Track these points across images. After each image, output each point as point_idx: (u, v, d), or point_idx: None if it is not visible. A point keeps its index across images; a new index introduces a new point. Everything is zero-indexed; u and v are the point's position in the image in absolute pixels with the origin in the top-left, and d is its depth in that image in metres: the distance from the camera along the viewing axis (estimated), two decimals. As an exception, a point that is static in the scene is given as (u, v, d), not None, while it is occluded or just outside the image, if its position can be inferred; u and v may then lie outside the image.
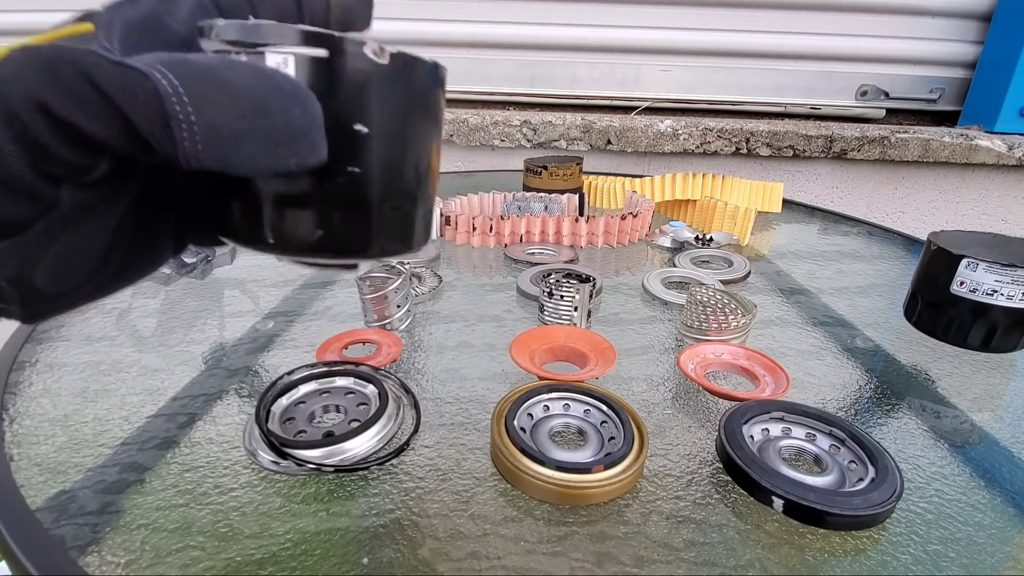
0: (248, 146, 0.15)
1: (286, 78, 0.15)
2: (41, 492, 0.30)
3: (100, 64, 0.14)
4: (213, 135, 0.14)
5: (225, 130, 0.14)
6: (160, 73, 0.14)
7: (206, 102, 0.14)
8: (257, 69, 0.15)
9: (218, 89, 0.14)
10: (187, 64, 0.14)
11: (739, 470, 0.31)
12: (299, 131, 0.15)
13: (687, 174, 0.78)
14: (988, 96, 1.12)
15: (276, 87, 0.15)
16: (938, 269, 0.47)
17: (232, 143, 0.15)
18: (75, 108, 0.14)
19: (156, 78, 0.14)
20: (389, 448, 0.34)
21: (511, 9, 1.15)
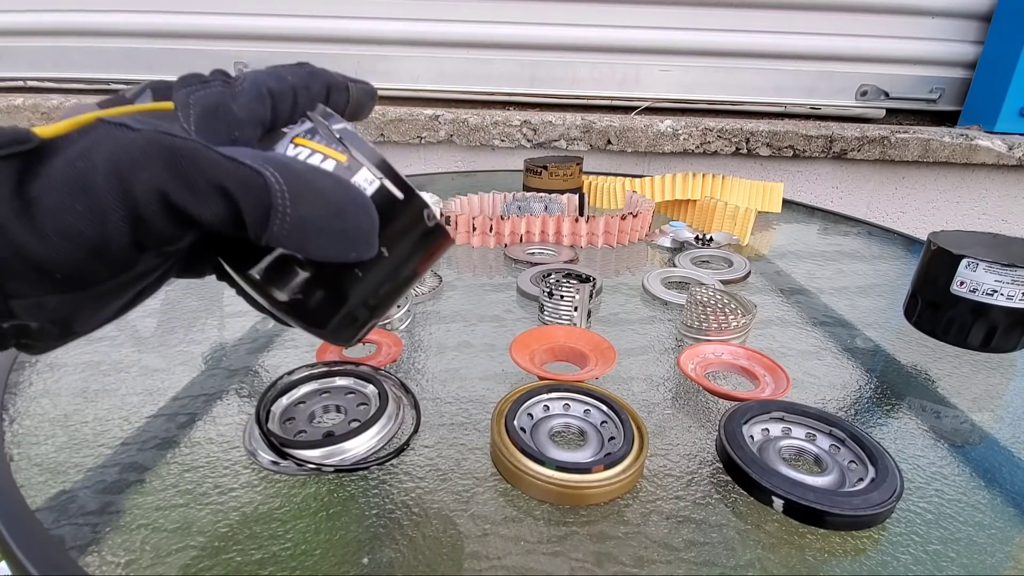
0: (324, 239, 0.18)
1: (359, 192, 0.19)
2: (41, 492, 0.30)
3: (219, 161, 0.16)
4: (300, 227, 0.17)
5: (311, 225, 0.18)
6: (269, 171, 0.17)
7: (301, 200, 0.17)
8: (338, 179, 0.19)
9: (311, 191, 0.18)
10: (288, 167, 0.18)
11: (739, 470, 0.31)
12: (363, 233, 0.19)
13: (687, 174, 0.78)
14: (988, 96, 1.12)
15: (352, 197, 0.19)
16: (938, 269, 0.47)
17: (313, 235, 0.18)
18: (193, 198, 0.16)
19: (267, 175, 0.17)
20: (389, 448, 0.34)
21: (511, 9, 1.15)
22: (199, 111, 0.19)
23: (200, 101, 0.19)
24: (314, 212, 0.18)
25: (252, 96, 0.20)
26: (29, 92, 1.22)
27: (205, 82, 0.20)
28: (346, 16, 1.16)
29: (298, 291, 0.20)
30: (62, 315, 0.18)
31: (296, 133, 0.21)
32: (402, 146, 1.16)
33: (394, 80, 1.21)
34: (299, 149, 0.20)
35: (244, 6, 1.16)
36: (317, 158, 0.20)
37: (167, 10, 1.16)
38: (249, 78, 0.21)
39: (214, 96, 0.20)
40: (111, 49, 1.20)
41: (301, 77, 0.22)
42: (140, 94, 0.20)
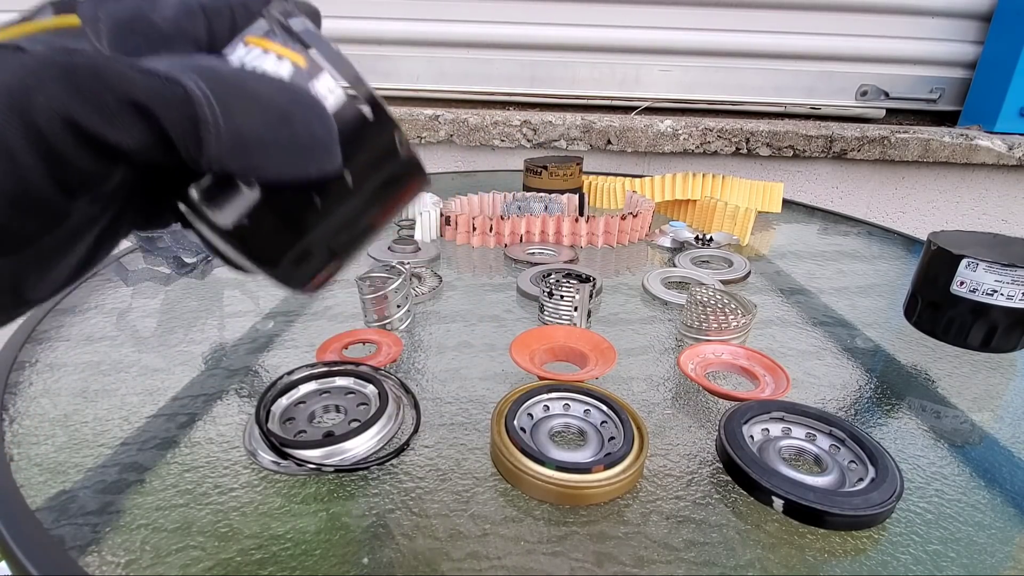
0: (272, 153, 0.15)
1: (307, 93, 0.16)
2: (41, 492, 0.30)
3: (126, 73, 0.14)
4: (240, 141, 0.15)
5: (252, 136, 0.15)
6: (191, 79, 0.14)
7: (234, 109, 0.15)
8: (280, 82, 0.16)
9: (246, 97, 0.15)
10: (215, 72, 0.15)
11: (739, 470, 0.31)
12: (320, 142, 0.16)
13: (687, 174, 0.78)
14: (988, 96, 1.12)
15: (299, 100, 0.16)
16: (938, 269, 0.47)
17: (258, 149, 0.15)
18: (103, 120, 0.14)
19: (188, 84, 0.14)
20: (389, 448, 0.34)
21: (511, 9, 1.15)
22: (111, 24, 0.16)
23: (112, 14, 0.16)
24: (252, 121, 0.15)
25: (179, 9, 0.17)
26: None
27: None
28: (346, 16, 1.16)
29: (245, 216, 0.17)
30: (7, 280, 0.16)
31: (248, 33, 0.18)
32: (402, 146, 1.16)
33: (394, 80, 1.21)
34: (250, 49, 0.17)
35: (244, 6, 1.16)
36: (270, 59, 0.17)
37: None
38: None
39: (129, 7, 0.16)
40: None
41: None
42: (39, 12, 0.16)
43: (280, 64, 0.17)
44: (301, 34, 0.17)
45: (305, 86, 0.16)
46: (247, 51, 0.17)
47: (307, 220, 0.18)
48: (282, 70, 0.17)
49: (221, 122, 0.14)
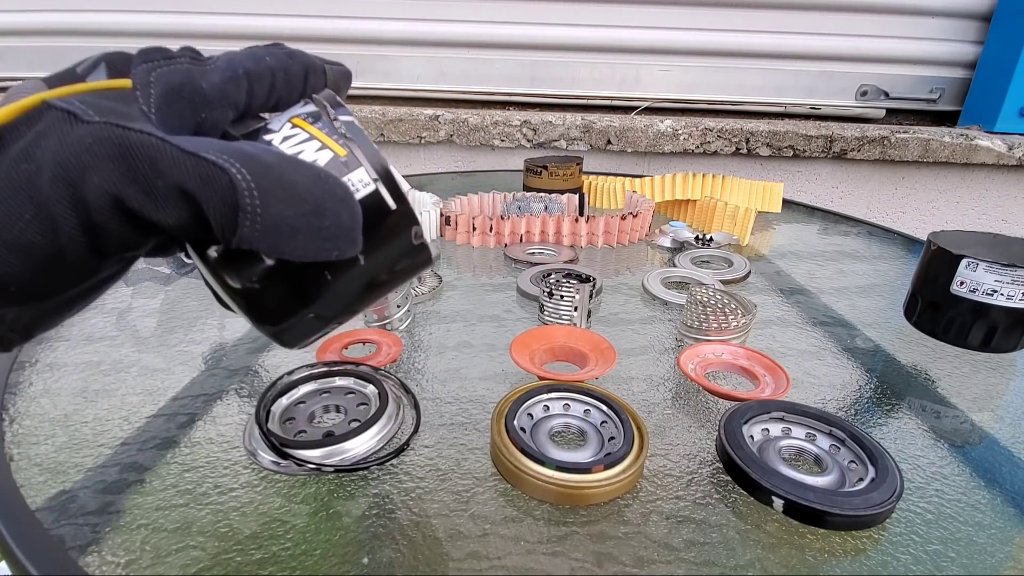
0: (300, 239, 0.16)
1: (340, 185, 0.17)
2: (41, 492, 0.30)
3: (176, 157, 0.15)
4: (273, 228, 0.16)
5: (285, 225, 0.16)
6: (235, 168, 0.15)
7: (272, 199, 0.15)
8: (315, 173, 0.17)
9: (284, 188, 0.16)
10: (258, 160, 0.16)
11: (739, 470, 0.31)
12: (345, 230, 0.17)
13: (687, 174, 0.78)
14: (988, 96, 1.12)
15: (332, 192, 0.17)
16: (938, 269, 0.47)
17: (288, 236, 0.16)
18: (151, 203, 0.15)
19: (232, 172, 0.15)
20: (389, 448, 0.34)
21: (511, 9, 1.15)
22: (161, 90, 0.17)
23: (163, 78, 0.17)
24: (289, 211, 0.16)
25: (226, 76, 0.18)
26: (29, 92, 1.22)
27: (170, 58, 0.18)
28: (346, 16, 1.16)
29: (256, 280, 0.18)
30: (22, 324, 0.17)
31: (296, 113, 0.19)
32: (402, 146, 1.16)
33: (394, 80, 1.21)
34: (296, 131, 0.19)
35: (244, 6, 1.16)
36: (313, 145, 0.18)
37: (167, 10, 1.16)
38: (224, 57, 0.19)
39: (180, 74, 0.17)
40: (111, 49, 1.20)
41: (280, 59, 0.20)
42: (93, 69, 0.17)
43: (321, 152, 0.18)
44: (345, 123, 0.19)
45: (340, 177, 0.18)
46: (292, 132, 0.18)
47: (315, 291, 0.19)
48: (321, 158, 0.18)
49: (259, 211, 0.15)
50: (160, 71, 0.17)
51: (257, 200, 0.15)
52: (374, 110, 1.12)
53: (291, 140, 0.18)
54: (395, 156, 1.17)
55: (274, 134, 0.19)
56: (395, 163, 1.09)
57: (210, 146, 0.15)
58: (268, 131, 0.19)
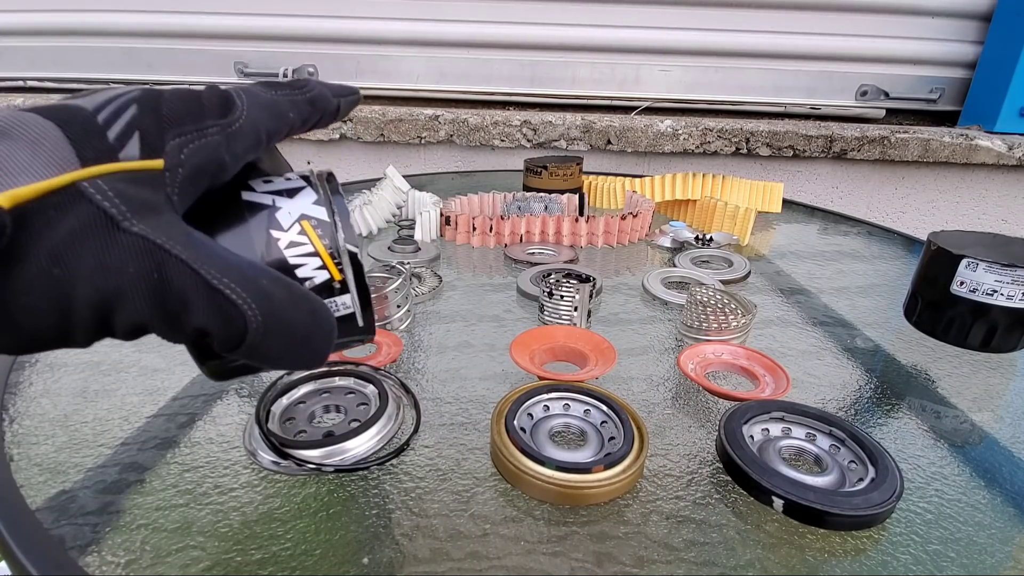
0: (282, 361, 0.18)
1: (328, 319, 0.19)
2: (41, 492, 0.30)
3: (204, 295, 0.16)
4: (264, 356, 0.18)
5: (274, 354, 0.18)
6: (251, 311, 0.16)
7: (272, 336, 0.17)
8: (312, 309, 0.18)
9: (283, 326, 0.17)
10: (270, 300, 0.17)
11: (739, 470, 0.31)
12: (319, 354, 0.19)
13: (687, 174, 0.78)
14: (988, 96, 1.12)
15: (319, 327, 0.19)
16: (938, 269, 0.47)
17: (272, 361, 0.18)
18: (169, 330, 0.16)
19: (248, 317, 0.16)
20: (389, 448, 0.34)
21: (511, 9, 1.15)
22: (189, 172, 0.17)
23: (193, 158, 0.17)
24: (282, 346, 0.18)
25: (249, 144, 0.19)
26: (29, 92, 1.22)
27: (202, 128, 0.18)
28: (346, 16, 1.16)
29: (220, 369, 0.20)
30: None
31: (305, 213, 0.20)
32: (402, 146, 1.16)
33: (394, 80, 1.21)
34: (303, 240, 0.19)
35: (244, 6, 1.16)
36: (313, 263, 0.19)
37: (167, 10, 1.16)
38: (248, 118, 0.19)
39: (208, 151, 0.18)
40: (111, 49, 1.20)
41: (301, 111, 0.21)
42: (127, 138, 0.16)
43: (318, 272, 0.19)
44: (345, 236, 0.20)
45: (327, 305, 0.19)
46: (300, 240, 0.19)
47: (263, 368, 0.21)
48: (317, 277, 0.19)
49: (259, 344, 0.17)
50: (191, 148, 0.17)
51: (261, 337, 0.17)
52: (374, 110, 1.12)
53: (296, 249, 0.19)
54: (395, 156, 1.17)
55: (283, 233, 0.19)
56: (395, 163, 1.09)
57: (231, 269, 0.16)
58: (277, 225, 0.19)
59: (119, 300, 0.15)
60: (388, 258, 0.62)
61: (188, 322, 0.16)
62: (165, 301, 0.15)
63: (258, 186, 0.20)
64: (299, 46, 1.18)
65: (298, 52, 1.19)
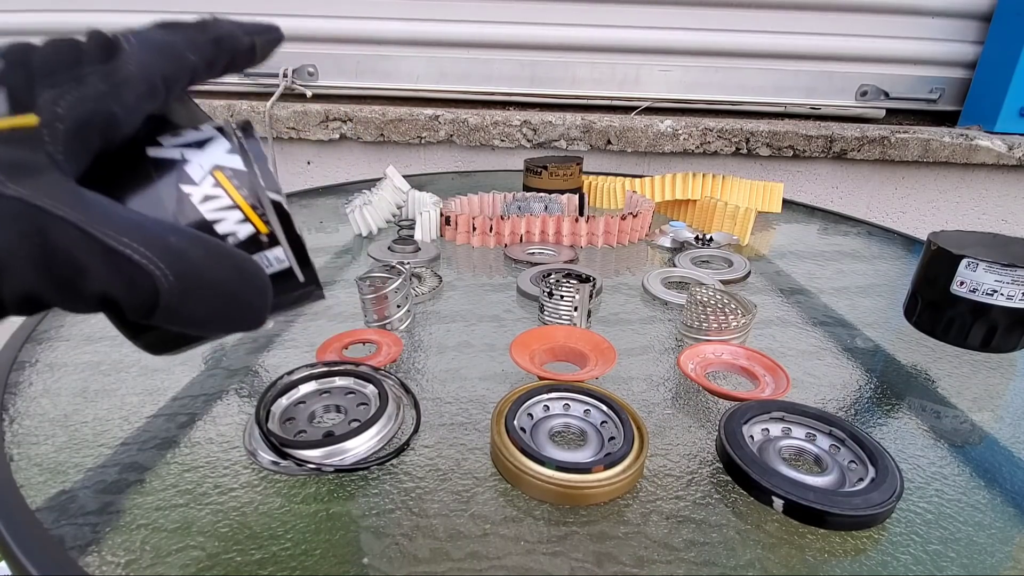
0: (211, 326, 0.17)
1: (258, 274, 0.17)
2: (41, 492, 0.30)
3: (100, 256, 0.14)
4: (187, 320, 0.16)
5: (198, 317, 0.16)
6: (160, 270, 0.15)
7: (191, 297, 0.15)
8: (236, 264, 0.17)
9: (203, 287, 0.16)
10: (183, 259, 0.15)
11: (739, 470, 0.31)
12: (255, 313, 0.17)
13: (687, 174, 0.78)
14: (988, 96, 1.12)
15: (249, 282, 0.17)
16: (938, 269, 0.47)
17: (199, 325, 0.16)
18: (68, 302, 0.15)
19: (156, 276, 0.15)
20: (389, 448, 0.34)
21: (511, 9, 1.15)
22: (71, 126, 0.15)
23: (73, 111, 0.15)
24: (203, 306, 0.16)
25: (142, 91, 0.17)
26: (29, 92, 1.22)
27: (78, 76, 0.15)
28: (346, 16, 1.16)
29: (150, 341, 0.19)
30: None
31: (218, 163, 0.18)
32: (402, 146, 1.16)
33: (394, 80, 1.21)
34: (218, 192, 0.17)
35: (244, 6, 1.16)
36: (235, 216, 0.17)
37: (167, 10, 1.16)
38: (137, 63, 0.17)
39: (90, 102, 0.15)
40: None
41: (204, 53, 0.18)
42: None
43: (242, 226, 0.18)
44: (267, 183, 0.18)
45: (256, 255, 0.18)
46: (215, 192, 0.17)
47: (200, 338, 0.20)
48: (241, 231, 0.18)
49: (177, 307, 0.15)
50: (68, 100, 0.15)
51: (177, 298, 0.15)
52: (374, 110, 1.12)
53: (212, 203, 0.17)
54: (395, 156, 1.17)
55: (194, 187, 0.17)
56: (395, 163, 1.09)
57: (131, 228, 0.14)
58: (188, 179, 0.17)
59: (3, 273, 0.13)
60: (388, 258, 0.62)
61: (86, 288, 0.14)
62: (52, 266, 0.14)
63: (166, 141, 0.18)
64: (299, 46, 1.18)
65: (298, 52, 1.18)
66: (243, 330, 0.18)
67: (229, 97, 1.20)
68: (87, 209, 0.14)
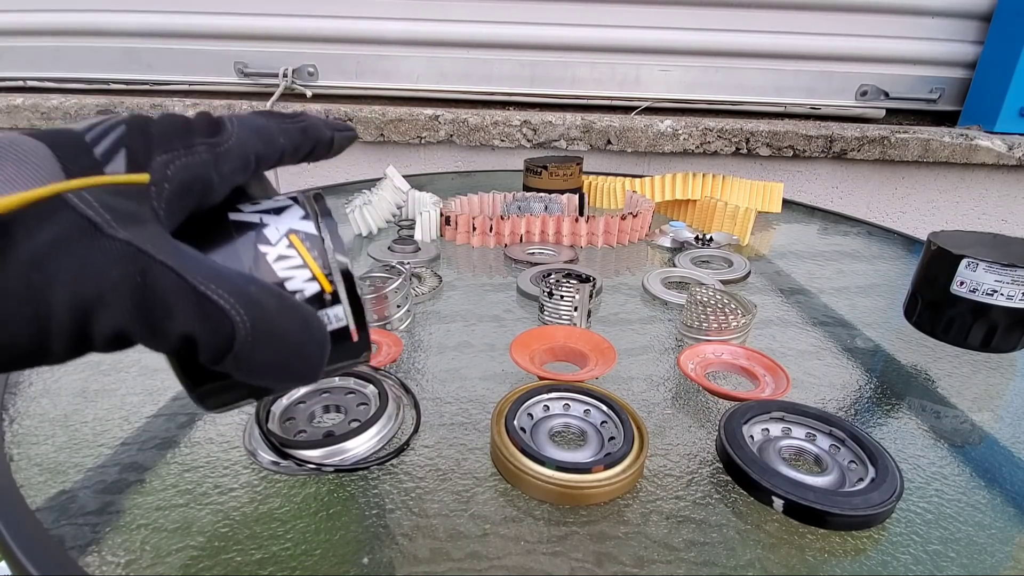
0: (272, 376, 0.18)
1: (321, 329, 0.19)
2: (41, 492, 0.30)
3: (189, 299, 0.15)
4: (253, 367, 0.17)
5: (264, 365, 0.17)
6: (239, 316, 0.16)
7: (262, 345, 0.17)
8: (304, 318, 0.18)
9: (273, 335, 0.17)
10: (259, 308, 0.17)
11: (739, 470, 0.31)
12: (312, 368, 0.19)
13: (687, 174, 0.78)
14: (988, 96, 1.12)
15: (312, 336, 0.18)
16: (938, 269, 0.47)
17: (262, 374, 0.17)
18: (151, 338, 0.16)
19: (236, 322, 0.16)
20: (389, 448, 0.34)
21: (511, 9, 1.15)
22: (176, 188, 0.17)
23: (179, 175, 0.17)
24: (273, 356, 0.17)
25: (237, 166, 0.19)
26: (29, 92, 1.22)
27: (189, 145, 0.18)
28: (346, 16, 1.16)
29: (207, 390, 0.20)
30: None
31: (294, 228, 0.20)
32: (402, 146, 1.16)
33: (394, 80, 1.21)
34: (291, 253, 0.19)
35: (244, 6, 1.16)
36: (304, 275, 0.19)
37: (167, 10, 1.16)
38: (237, 139, 0.19)
39: (195, 168, 0.18)
40: (111, 49, 1.20)
41: (292, 138, 0.21)
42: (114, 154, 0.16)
43: (309, 284, 0.19)
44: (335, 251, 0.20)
45: (319, 316, 0.19)
46: (288, 253, 0.19)
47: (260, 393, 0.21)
48: (308, 289, 0.19)
49: (248, 353, 0.16)
50: (178, 164, 0.17)
51: (250, 344, 0.16)
52: (374, 110, 1.12)
53: (285, 262, 0.19)
54: (395, 156, 1.17)
55: (271, 247, 0.19)
56: (395, 163, 1.09)
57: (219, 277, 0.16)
58: (265, 240, 0.19)
59: (100, 305, 0.15)
60: (388, 258, 0.62)
61: (173, 328, 0.15)
62: (149, 306, 0.15)
63: (246, 207, 0.20)
64: (299, 46, 1.18)
65: (298, 52, 1.19)
66: (299, 382, 0.19)
67: (229, 97, 1.20)
68: (181, 257, 0.16)
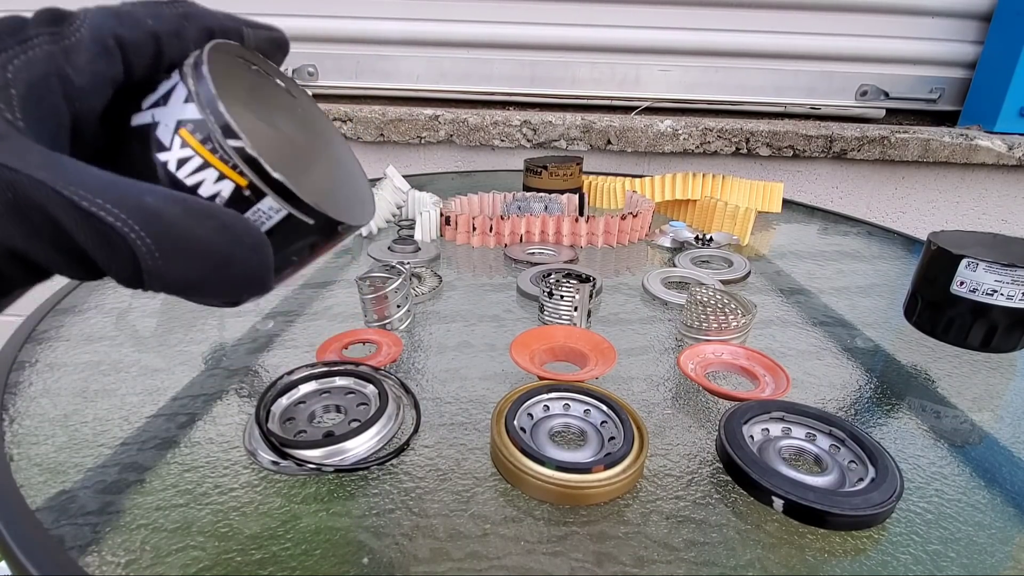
0: (208, 290, 0.16)
1: (247, 229, 0.16)
2: (41, 492, 0.30)
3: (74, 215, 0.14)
4: (178, 284, 0.15)
5: (190, 281, 0.15)
6: (135, 232, 0.14)
7: (176, 259, 0.15)
8: (221, 223, 0.15)
9: (188, 247, 0.15)
10: (159, 219, 0.15)
11: (739, 470, 0.31)
12: (255, 276, 0.16)
13: (687, 174, 0.78)
14: (988, 96, 1.12)
15: (238, 240, 0.16)
16: (938, 269, 0.47)
17: (194, 289, 0.16)
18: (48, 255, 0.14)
19: (131, 239, 0.14)
20: (389, 448, 0.34)
21: (511, 9, 1.15)
22: (23, 90, 0.15)
23: (22, 73, 0.15)
24: (192, 268, 0.15)
25: (94, 52, 0.16)
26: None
27: (24, 40, 0.15)
28: (346, 16, 1.16)
29: None
30: None
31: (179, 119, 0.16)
32: (402, 146, 1.16)
33: (394, 80, 1.21)
34: (188, 152, 0.16)
35: (244, 6, 1.15)
36: (211, 175, 0.16)
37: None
38: (89, 25, 0.16)
39: (40, 63, 0.15)
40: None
41: (168, 21, 0.17)
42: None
43: (221, 184, 0.16)
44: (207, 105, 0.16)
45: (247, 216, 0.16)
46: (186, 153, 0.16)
47: None
48: (224, 189, 0.16)
49: (162, 272, 0.15)
50: (17, 64, 0.15)
51: (160, 262, 0.15)
52: (374, 110, 1.12)
53: (187, 167, 0.16)
54: (395, 156, 1.17)
55: (168, 152, 0.16)
56: (395, 163, 1.09)
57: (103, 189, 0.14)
58: (159, 145, 0.16)
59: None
60: (388, 258, 0.62)
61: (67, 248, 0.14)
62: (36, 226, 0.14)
63: (145, 101, 0.17)
64: (299, 46, 1.18)
65: (298, 52, 1.18)
66: (250, 293, 0.17)
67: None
68: (56, 169, 0.14)
